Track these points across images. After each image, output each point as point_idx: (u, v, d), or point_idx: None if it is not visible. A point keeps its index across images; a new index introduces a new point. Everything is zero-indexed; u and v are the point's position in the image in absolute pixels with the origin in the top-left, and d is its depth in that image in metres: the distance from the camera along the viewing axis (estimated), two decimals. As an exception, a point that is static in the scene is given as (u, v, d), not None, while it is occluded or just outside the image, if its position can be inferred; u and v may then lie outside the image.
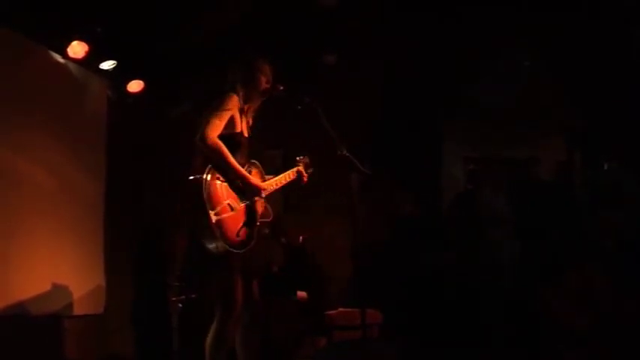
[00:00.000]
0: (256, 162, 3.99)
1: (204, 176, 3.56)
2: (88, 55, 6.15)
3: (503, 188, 7.09)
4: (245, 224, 3.72)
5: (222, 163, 3.65)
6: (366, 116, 7.68)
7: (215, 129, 3.65)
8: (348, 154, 4.03)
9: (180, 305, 6.19)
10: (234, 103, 3.83)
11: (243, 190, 3.76)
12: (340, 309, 6.20)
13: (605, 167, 7.11)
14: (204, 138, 3.60)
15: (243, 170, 3.74)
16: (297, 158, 4.28)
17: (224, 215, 3.58)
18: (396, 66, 7.51)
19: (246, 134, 3.98)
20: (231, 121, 3.80)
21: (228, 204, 3.65)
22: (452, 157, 8.17)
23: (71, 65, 6.38)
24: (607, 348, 5.43)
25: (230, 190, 3.70)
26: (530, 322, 6.18)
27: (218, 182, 3.64)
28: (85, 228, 6.55)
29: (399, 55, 7.35)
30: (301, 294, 6.27)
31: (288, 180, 4.14)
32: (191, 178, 3.61)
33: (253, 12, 6.42)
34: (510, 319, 6.40)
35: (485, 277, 6.72)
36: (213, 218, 3.51)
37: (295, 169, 4.21)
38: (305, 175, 4.23)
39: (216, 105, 3.76)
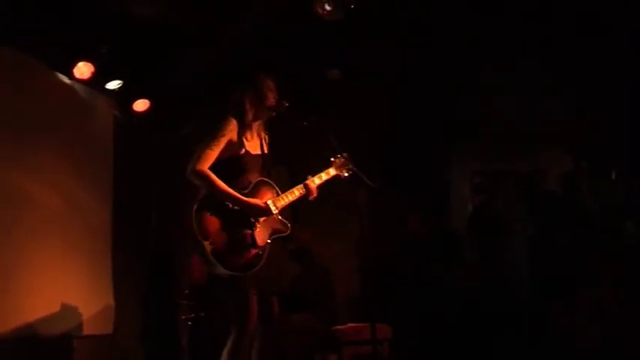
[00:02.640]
0: (266, 179, 3.97)
1: (195, 206, 3.61)
2: (94, 75, 6.19)
3: (516, 200, 7.09)
4: (249, 246, 3.72)
5: (214, 192, 3.69)
6: (374, 132, 7.67)
7: (206, 160, 3.71)
8: (355, 169, 4.03)
9: (189, 324, 6.17)
10: (232, 127, 3.86)
11: (245, 212, 3.76)
12: (350, 324, 6.16)
13: (613, 177, 7.08)
14: (192, 171, 3.69)
15: (236, 194, 3.73)
16: (332, 159, 4.19)
17: (220, 243, 3.61)
18: (404, 82, 7.50)
19: (257, 152, 3.98)
20: (230, 145, 3.83)
21: (227, 230, 3.67)
22: (459, 171, 8.14)
23: (77, 86, 6.41)
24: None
25: (231, 215, 3.71)
26: (542, 337, 6.14)
27: (212, 210, 3.66)
28: (94, 248, 6.55)
29: (407, 71, 7.35)
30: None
31: (302, 194, 4.05)
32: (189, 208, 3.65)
33: (258, 29, 6.44)
34: (521, 334, 6.36)
35: (498, 291, 6.70)
36: (208, 247, 3.53)
37: (302, 184, 4.10)
38: (314, 190, 4.09)
39: (213, 132, 3.80)
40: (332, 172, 4.16)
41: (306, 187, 4.06)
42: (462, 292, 6.94)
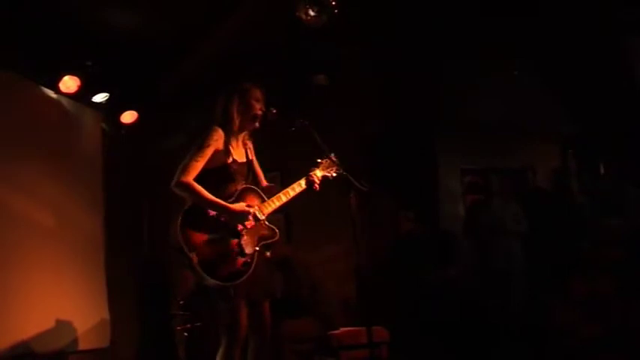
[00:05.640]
0: (252, 186, 3.98)
1: (179, 219, 3.62)
2: (81, 88, 6.18)
3: (513, 198, 7.11)
4: (237, 255, 3.72)
5: (200, 202, 3.70)
6: (363, 134, 7.68)
7: (190, 172, 3.71)
8: (345, 173, 4.03)
9: (185, 334, 6.16)
10: (217, 136, 3.86)
11: (231, 221, 3.76)
12: (346, 328, 6.16)
13: (602, 171, 7.13)
14: (175, 184, 3.70)
15: (222, 202, 3.73)
16: (318, 160, 4.21)
17: (206, 253, 3.61)
18: (392, 82, 7.52)
19: (243, 160, 3.99)
20: (217, 155, 3.84)
21: (213, 240, 3.66)
22: (449, 170, 8.17)
23: (64, 100, 6.39)
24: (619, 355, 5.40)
25: (216, 225, 3.72)
26: (539, 333, 6.16)
27: (197, 222, 3.66)
28: (87, 262, 6.53)
29: (395, 71, 7.36)
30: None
31: (297, 192, 4.09)
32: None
33: (244, 37, 6.45)
34: (518, 331, 6.38)
35: (495, 288, 6.73)
36: (195, 259, 3.55)
37: (305, 178, 4.13)
38: (317, 182, 4.15)
39: (198, 143, 3.81)
40: (319, 173, 4.16)
41: (310, 181, 4.09)
42: (459, 292, 6.95)
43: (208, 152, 3.79)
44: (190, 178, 3.69)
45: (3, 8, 5.31)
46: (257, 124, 4.04)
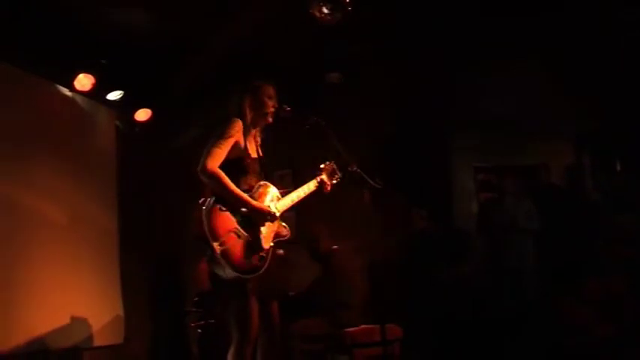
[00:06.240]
0: (267, 182, 3.98)
1: (205, 207, 3.60)
2: (95, 86, 6.21)
3: (526, 195, 7.09)
4: (255, 248, 3.72)
5: (224, 192, 3.67)
6: (376, 132, 7.67)
7: (216, 158, 3.68)
8: (358, 170, 4.03)
9: (199, 331, 6.18)
10: (238, 128, 3.85)
11: (250, 215, 3.76)
12: (360, 326, 6.16)
13: (618, 169, 7.09)
14: (203, 169, 3.65)
15: (245, 196, 3.73)
16: (321, 166, 4.25)
17: (229, 244, 3.59)
18: (405, 80, 7.51)
19: (255, 155, 3.99)
20: (236, 146, 3.82)
21: (235, 232, 3.66)
22: (463, 168, 8.15)
23: (79, 98, 6.43)
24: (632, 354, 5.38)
25: (239, 217, 3.72)
26: (552, 331, 6.14)
27: (222, 212, 3.66)
28: (101, 259, 6.57)
29: (408, 69, 7.35)
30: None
31: (307, 193, 4.11)
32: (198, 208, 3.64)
33: (257, 34, 6.45)
34: (530, 330, 6.36)
35: (508, 286, 6.72)
36: (218, 249, 3.53)
37: (315, 179, 4.17)
38: (328, 183, 4.21)
39: (219, 132, 3.78)
40: (325, 177, 4.18)
41: (321, 182, 4.14)
42: (472, 290, 6.94)
43: (230, 142, 3.77)
44: (216, 165, 3.66)
45: (19, 8, 5.35)
46: (270, 119, 4.05)
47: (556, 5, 6.27)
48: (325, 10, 5.47)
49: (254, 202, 3.76)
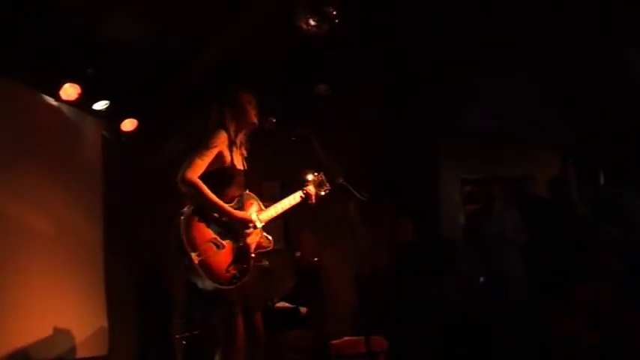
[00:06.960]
0: (251, 193, 3.98)
1: (183, 217, 3.59)
2: (81, 96, 6.18)
3: (513, 207, 7.10)
4: (236, 259, 3.71)
5: (203, 202, 3.68)
6: (364, 144, 7.68)
7: (196, 169, 3.68)
8: (344, 182, 4.04)
9: (184, 342, 6.14)
10: (222, 139, 3.86)
11: (231, 225, 3.75)
12: (345, 338, 6.14)
13: (602, 180, 7.11)
14: (182, 179, 3.65)
15: (226, 206, 3.73)
16: (309, 177, 4.24)
17: (208, 254, 3.58)
18: (393, 92, 7.52)
19: (240, 167, 3.99)
20: (219, 157, 3.83)
21: (213, 242, 3.64)
22: (450, 179, 8.17)
23: (64, 107, 6.40)
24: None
25: (218, 228, 3.70)
26: (540, 342, 6.14)
27: (199, 222, 3.64)
28: (85, 270, 6.52)
29: (396, 80, 7.37)
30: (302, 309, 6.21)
31: (292, 204, 4.11)
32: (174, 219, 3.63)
33: (245, 46, 6.45)
34: (518, 340, 6.36)
35: (495, 297, 6.72)
36: (196, 259, 3.51)
37: (301, 191, 4.18)
38: (314, 195, 4.19)
39: (203, 143, 3.79)
40: (312, 188, 4.18)
41: (306, 194, 4.14)
42: (459, 301, 6.94)
43: (213, 152, 3.78)
44: (196, 175, 3.67)
45: (3, 15, 5.31)
46: (255, 123, 4.03)
47: (544, 14, 6.29)
48: (312, 22, 5.47)
49: (235, 212, 3.76)
